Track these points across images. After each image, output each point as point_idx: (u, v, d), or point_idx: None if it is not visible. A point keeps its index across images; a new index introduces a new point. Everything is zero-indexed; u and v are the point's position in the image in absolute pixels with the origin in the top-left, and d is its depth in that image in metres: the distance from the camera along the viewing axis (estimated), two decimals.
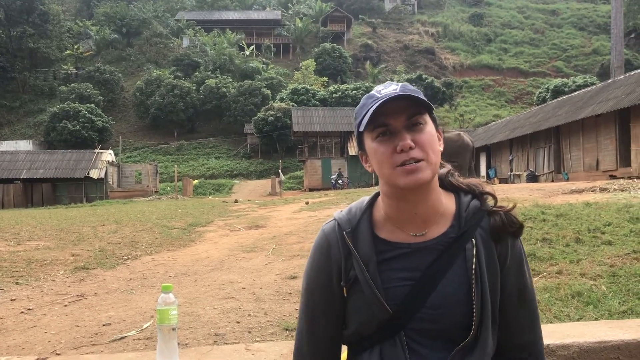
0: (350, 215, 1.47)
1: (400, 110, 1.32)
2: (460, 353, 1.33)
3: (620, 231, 7.05)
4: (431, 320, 1.34)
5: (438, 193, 1.41)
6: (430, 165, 1.32)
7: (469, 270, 1.35)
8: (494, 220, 1.39)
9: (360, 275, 1.38)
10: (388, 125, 1.33)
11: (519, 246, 1.43)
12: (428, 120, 1.36)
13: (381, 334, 1.37)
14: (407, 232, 1.41)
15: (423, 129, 1.33)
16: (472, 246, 1.36)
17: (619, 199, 9.94)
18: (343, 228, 1.44)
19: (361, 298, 1.39)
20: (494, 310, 1.37)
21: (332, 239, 1.45)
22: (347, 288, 1.42)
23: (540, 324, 1.49)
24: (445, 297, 1.34)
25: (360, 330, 1.41)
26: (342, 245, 1.42)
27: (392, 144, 1.32)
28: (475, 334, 1.33)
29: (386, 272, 1.38)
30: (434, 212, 1.40)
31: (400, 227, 1.41)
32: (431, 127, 1.36)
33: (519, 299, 1.42)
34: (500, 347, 1.43)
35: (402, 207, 1.39)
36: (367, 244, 1.40)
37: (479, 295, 1.34)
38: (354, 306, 1.42)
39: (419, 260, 1.37)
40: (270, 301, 5.41)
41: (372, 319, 1.37)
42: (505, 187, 17.29)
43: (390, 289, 1.36)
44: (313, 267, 1.49)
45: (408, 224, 1.41)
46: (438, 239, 1.39)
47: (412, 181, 1.30)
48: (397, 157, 1.31)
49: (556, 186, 16.02)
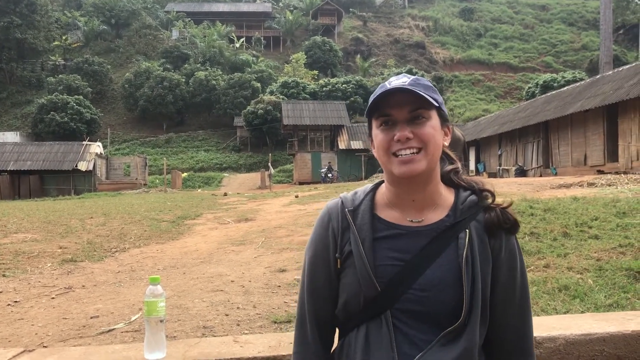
0: (355, 196, 1.55)
1: (404, 103, 1.39)
2: (448, 337, 1.35)
3: (607, 225, 7.11)
4: (418, 302, 1.37)
5: (437, 184, 1.47)
6: (426, 157, 1.38)
7: (460, 257, 1.38)
8: (489, 215, 1.44)
9: (355, 250, 1.43)
10: (390, 116, 1.40)
11: (513, 243, 1.46)
12: (433, 115, 1.41)
13: (367, 311, 1.41)
14: (405, 217, 1.46)
15: (424, 123, 1.39)
16: (466, 235, 1.40)
17: (606, 194, 10.03)
18: (345, 206, 1.52)
19: (352, 273, 1.43)
20: (484, 300, 1.40)
21: (333, 213, 1.53)
22: (341, 261, 1.47)
23: (532, 322, 1.51)
24: (434, 281, 1.38)
25: (347, 306, 1.46)
26: (342, 220, 1.50)
27: (392, 133, 1.39)
28: (464, 320, 1.35)
29: (380, 251, 1.43)
30: (431, 201, 1.46)
31: (399, 212, 1.47)
32: (435, 122, 1.41)
33: (509, 294, 1.44)
34: (489, 340, 1.46)
35: (400, 193, 1.46)
36: (366, 222, 1.47)
37: (469, 283, 1.36)
38: (344, 280, 1.46)
39: (412, 243, 1.42)
40: (259, 294, 5.41)
41: (360, 294, 1.41)
42: (494, 182, 17.36)
43: (381, 267, 1.41)
44: (315, 239, 1.55)
45: (406, 210, 1.47)
46: (433, 225, 1.44)
47: (406, 171, 1.37)
48: (393, 145, 1.39)
49: (544, 181, 16.13)
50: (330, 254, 1.49)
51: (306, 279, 1.55)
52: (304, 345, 1.54)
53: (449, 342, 1.35)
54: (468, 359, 1.35)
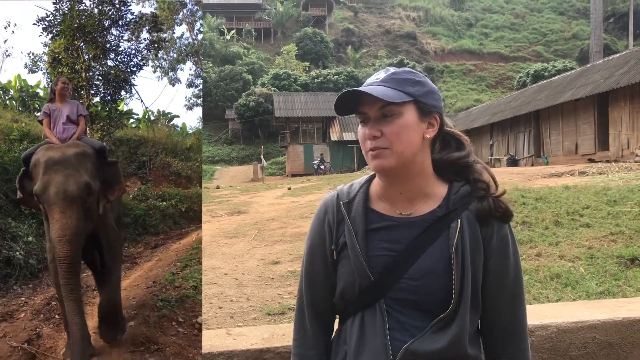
0: (350, 189, 1.59)
1: (375, 101, 1.40)
2: (439, 324, 1.39)
3: (598, 214, 7.16)
4: (410, 291, 1.42)
5: (425, 177, 1.49)
6: (394, 154, 1.40)
7: (450, 247, 1.41)
8: (481, 204, 1.45)
9: (349, 242, 1.48)
10: (364, 114, 1.43)
11: (506, 231, 1.47)
12: (404, 111, 1.41)
13: (362, 300, 1.46)
14: (396, 208, 1.50)
15: (393, 121, 1.40)
16: (457, 225, 1.42)
17: (597, 183, 10.08)
18: (341, 199, 1.56)
19: (348, 264, 1.48)
20: (475, 288, 1.42)
21: (329, 206, 1.58)
22: (337, 252, 1.52)
23: (525, 310, 1.52)
24: (425, 270, 1.41)
25: (344, 295, 1.51)
26: (337, 213, 1.55)
27: (366, 131, 1.43)
28: (454, 308, 1.38)
29: (372, 242, 1.47)
30: (419, 193, 1.49)
31: (390, 204, 1.51)
32: (408, 117, 1.41)
33: (501, 282, 1.46)
34: (484, 327, 1.50)
35: (387, 186, 1.51)
36: (360, 214, 1.50)
37: (459, 272, 1.39)
38: (341, 271, 1.51)
39: (403, 234, 1.46)
40: (253, 286, 5.41)
41: (355, 284, 1.46)
42: None
43: (374, 257, 1.45)
44: (312, 231, 1.60)
45: (396, 202, 1.50)
46: (424, 216, 1.46)
47: (376, 166, 1.42)
48: (367, 143, 1.43)
49: (536, 170, 16.20)
50: (326, 246, 1.55)
51: (305, 270, 1.61)
52: (303, 332, 1.60)
53: (439, 329, 1.39)
54: (458, 345, 1.39)
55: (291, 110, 41.51)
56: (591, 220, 6.91)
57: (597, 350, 2.14)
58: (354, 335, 1.46)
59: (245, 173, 39.22)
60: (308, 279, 1.59)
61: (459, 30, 74.91)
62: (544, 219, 7.03)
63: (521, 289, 1.50)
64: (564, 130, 25.36)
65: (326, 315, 1.60)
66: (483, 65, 66.43)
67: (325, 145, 40.56)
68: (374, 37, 73.60)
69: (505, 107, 31.93)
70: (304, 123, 42.26)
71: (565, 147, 25.23)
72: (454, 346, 1.38)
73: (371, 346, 1.42)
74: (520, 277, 1.49)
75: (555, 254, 5.73)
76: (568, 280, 4.88)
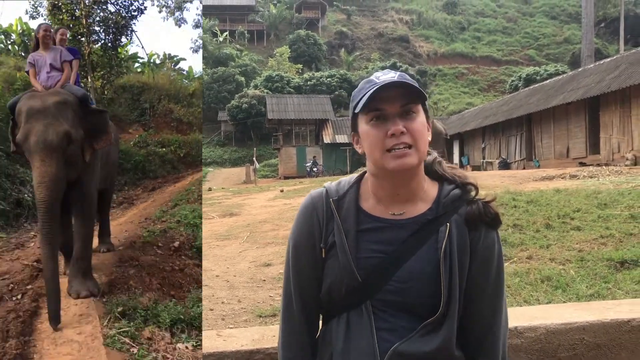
0: (339, 186, 1.57)
1: (396, 98, 1.40)
2: (427, 328, 1.39)
3: (589, 217, 7.19)
4: (398, 293, 1.41)
5: (421, 178, 1.49)
6: (418, 152, 1.40)
7: (439, 250, 1.40)
8: (471, 208, 1.46)
9: (338, 241, 1.46)
10: (382, 110, 1.41)
11: (493, 237, 1.48)
12: (420, 110, 1.44)
13: (349, 300, 1.45)
14: (388, 209, 1.49)
15: (415, 118, 1.41)
16: (446, 229, 1.42)
17: (588, 186, 10.14)
18: (330, 195, 1.54)
19: (335, 263, 1.46)
20: (461, 292, 1.42)
21: (317, 203, 1.55)
22: (325, 250, 1.49)
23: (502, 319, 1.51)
24: (413, 273, 1.41)
25: (330, 295, 1.49)
26: (326, 210, 1.52)
27: (385, 128, 1.40)
28: (443, 311, 1.38)
29: (362, 243, 1.46)
30: (414, 195, 1.48)
31: (382, 205, 1.50)
32: (423, 117, 1.44)
33: (480, 286, 1.46)
34: (461, 327, 1.47)
35: (386, 186, 1.48)
36: (350, 213, 1.49)
37: (447, 276, 1.39)
38: (328, 270, 1.49)
39: (393, 236, 1.45)
40: (244, 288, 5.41)
41: (342, 284, 1.45)
42: (478, 175, 17.49)
43: (363, 259, 1.44)
44: (298, 228, 1.57)
45: (389, 203, 1.49)
46: (415, 218, 1.46)
47: (399, 165, 1.38)
48: (388, 142, 1.39)
49: (527, 173, 16.27)
50: (314, 244, 1.52)
51: (291, 268, 1.57)
52: (289, 330, 1.58)
53: (428, 332, 1.38)
54: (447, 349, 1.39)
55: (284, 112, 41.52)
56: (582, 223, 6.95)
57: (585, 352, 2.15)
58: (340, 336, 1.45)
59: (238, 175, 39.15)
60: (295, 278, 1.56)
61: (451, 33, 75.14)
62: (535, 222, 7.06)
63: (502, 291, 1.51)
64: (555, 134, 25.49)
65: (313, 315, 1.59)
66: (475, 69, 66.65)
67: (318, 148, 40.60)
68: (367, 40, 73.71)
69: (498, 111, 32.07)
70: (297, 125, 42.27)
71: (557, 150, 25.36)
72: (443, 349, 1.38)
73: (358, 347, 1.40)
74: (501, 285, 1.50)
75: (546, 257, 5.76)
76: (559, 282, 4.90)
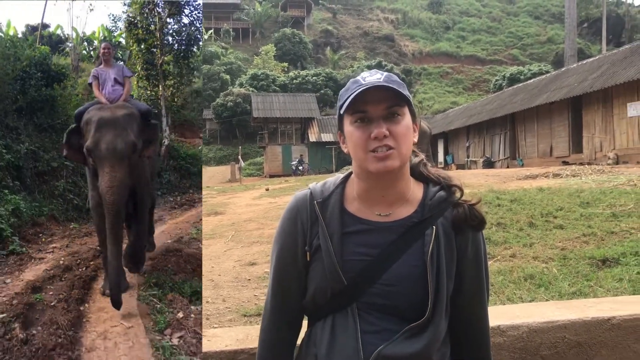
0: (324, 188, 1.55)
1: (381, 100, 1.39)
2: (412, 330, 1.38)
3: (572, 215, 7.27)
4: (384, 296, 1.40)
5: (407, 180, 1.48)
6: (400, 155, 1.39)
7: (426, 254, 1.40)
8: (457, 212, 1.46)
9: (323, 244, 1.44)
10: (366, 112, 1.39)
11: (479, 239, 1.49)
12: (406, 112, 1.43)
13: (334, 304, 1.44)
14: (374, 211, 1.47)
15: (399, 121, 1.40)
16: (432, 232, 1.42)
17: (570, 185, 10.25)
18: (315, 197, 1.52)
19: (320, 267, 1.45)
20: (448, 295, 1.43)
21: (301, 206, 1.52)
22: (310, 254, 1.48)
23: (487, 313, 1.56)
24: (399, 276, 1.40)
25: (315, 298, 1.48)
26: (311, 213, 1.50)
27: (369, 130, 1.38)
28: (429, 315, 1.38)
29: (347, 245, 1.44)
30: (400, 197, 1.47)
31: (368, 206, 1.48)
32: (408, 119, 1.43)
33: (477, 288, 1.49)
34: (454, 332, 1.50)
35: (371, 188, 1.47)
36: (335, 216, 1.47)
37: (434, 279, 1.39)
38: (313, 273, 1.48)
39: (379, 239, 1.44)
40: (229, 288, 5.39)
41: (327, 287, 1.44)
42: (462, 173, 17.60)
43: (348, 262, 1.43)
44: (282, 231, 1.55)
45: (375, 204, 1.47)
46: (401, 221, 1.45)
47: (382, 167, 1.37)
48: (371, 143, 1.38)
49: (511, 172, 16.40)
50: (298, 247, 1.50)
51: (274, 271, 1.56)
52: (271, 333, 1.57)
53: (413, 335, 1.38)
54: (431, 352, 1.39)
55: (269, 110, 41.43)
56: (564, 221, 7.02)
57: (566, 350, 2.17)
58: (324, 339, 1.44)
59: (223, 174, 38.99)
60: (278, 281, 1.55)
61: (436, 33, 75.40)
62: (519, 221, 7.12)
63: (486, 293, 1.53)
64: (539, 133, 25.71)
65: (296, 317, 1.58)
66: (460, 68, 66.95)
67: (304, 146, 40.57)
68: (352, 38, 73.74)
69: (482, 110, 32.27)
70: (282, 124, 42.22)
71: (540, 149, 25.58)
72: (427, 352, 1.38)
73: (342, 349, 1.40)
74: (487, 281, 1.52)
75: (529, 255, 5.81)
76: (541, 280, 4.94)
